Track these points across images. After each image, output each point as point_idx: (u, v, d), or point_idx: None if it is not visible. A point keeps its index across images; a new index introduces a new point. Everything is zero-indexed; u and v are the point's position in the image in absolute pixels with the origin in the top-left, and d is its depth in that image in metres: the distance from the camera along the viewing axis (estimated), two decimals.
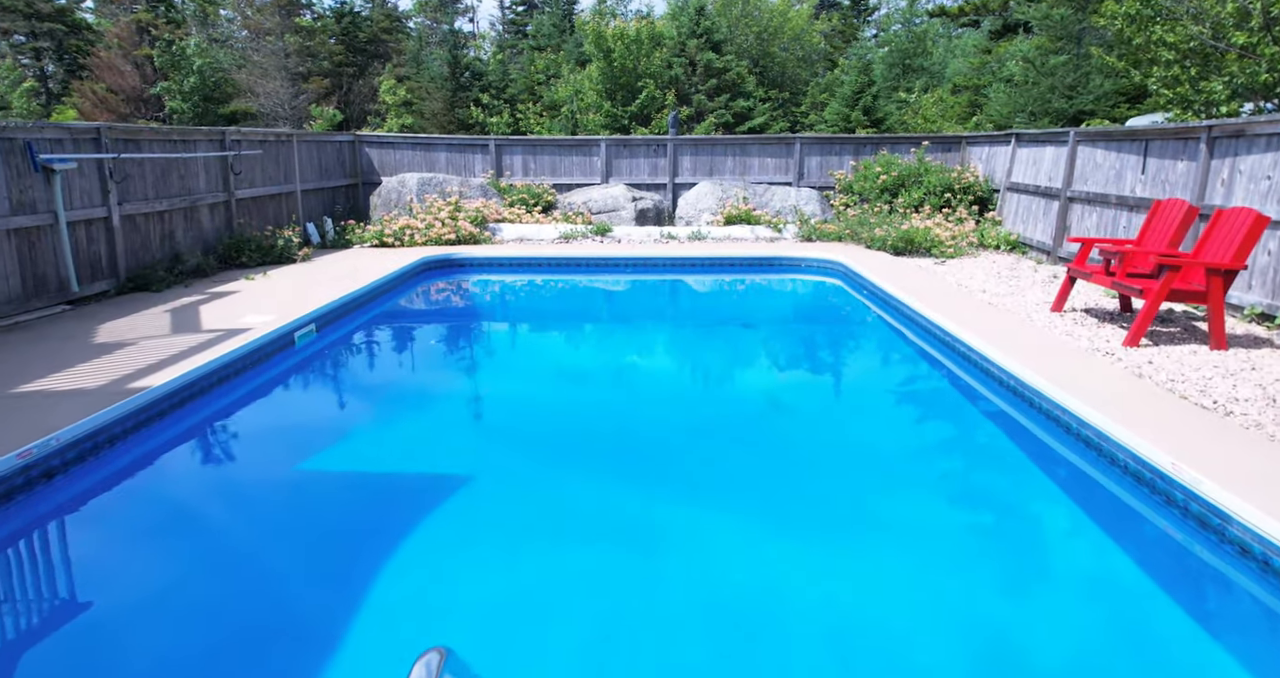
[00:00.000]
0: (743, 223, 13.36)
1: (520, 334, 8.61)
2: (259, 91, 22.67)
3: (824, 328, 9.06)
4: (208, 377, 5.91)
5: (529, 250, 11.87)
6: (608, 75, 19.30)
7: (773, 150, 14.62)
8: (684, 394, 6.50)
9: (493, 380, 6.88)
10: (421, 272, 10.99)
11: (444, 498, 4.41)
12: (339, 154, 13.89)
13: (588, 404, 6.18)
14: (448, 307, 10.00)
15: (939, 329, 7.42)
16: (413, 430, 5.54)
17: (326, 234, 12.53)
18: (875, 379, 6.98)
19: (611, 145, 14.59)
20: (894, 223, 11.99)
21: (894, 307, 8.74)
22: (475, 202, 13.34)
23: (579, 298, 10.57)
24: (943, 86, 20.68)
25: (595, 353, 7.79)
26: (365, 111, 25.17)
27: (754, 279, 11.53)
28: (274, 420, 5.79)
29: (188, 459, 5.02)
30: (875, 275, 9.82)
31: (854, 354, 7.85)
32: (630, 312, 9.88)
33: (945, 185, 12.78)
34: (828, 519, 4.25)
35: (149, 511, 4.36)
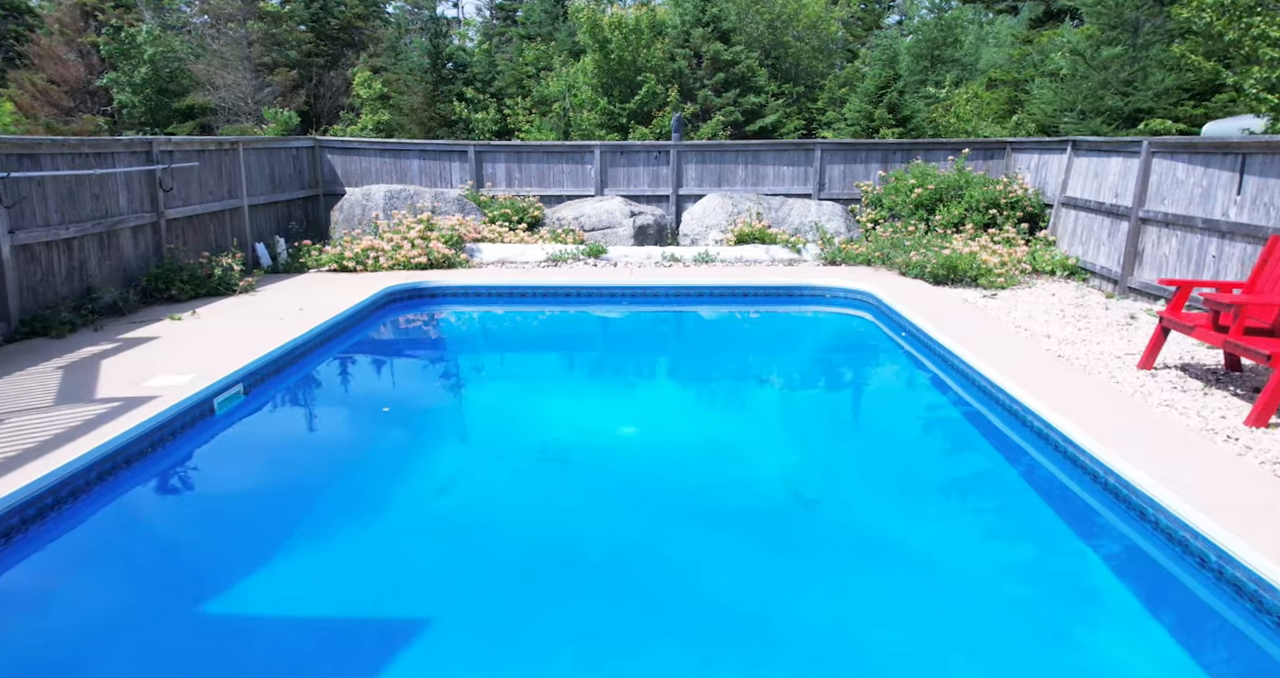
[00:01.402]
0: (756, 242, 12.33)
1: (494, 393, 7.58)
2: (219, 84, 21.64)
3: (854, 386, 8.01)
4: (75, 478, 4.87)
5: (511, 277, 10.85)
6: (604, 68, 18.29)
7: (790, 157, 13.59)
8: (690, 486, 5.46)
9: (457, 469, 5.83)
10: (385, 305, 9.96)
11: (389, 658, 3.38)
12: (296, 162, 12.87)
13: (575, 508, 5.14)
14: (411, 353, 8.96)
15: (1004, 395, 6.37)
16: (351, 551, 4.51)
17: (279, 256, 11.51)
18: (927, 469, 5.94)
19: (607, 152, 13.55)
20: (932, 245, 10.96)
21: (941, 357, 7.70)
22: (451, 218, 12.31)
23: (566, 340, 9.55)
24: (975, 80, 19.66)
25: (584, 421, 6.76)
26: (337, 106, 24.15)
27: (770, 312, 10.51)
28: (161, 539, 4.75)
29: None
30: (914, 312, 8.79)
31: (895, 427, 6.80)
32: (626, 361, 8.85)
33: (990, 200, 11.75)
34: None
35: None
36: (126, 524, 4.84)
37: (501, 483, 5.51)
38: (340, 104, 24.08)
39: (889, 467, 5.77)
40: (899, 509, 5.05)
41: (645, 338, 9.66)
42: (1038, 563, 4.49)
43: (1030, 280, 10.42)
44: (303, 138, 13.03)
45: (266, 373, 7.14)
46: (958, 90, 19.02)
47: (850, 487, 5.46)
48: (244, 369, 6.80)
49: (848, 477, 5.65)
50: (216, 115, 21.92)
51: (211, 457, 5.85)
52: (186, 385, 6.24)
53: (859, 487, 5.46)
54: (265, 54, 22.85)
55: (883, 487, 5.42)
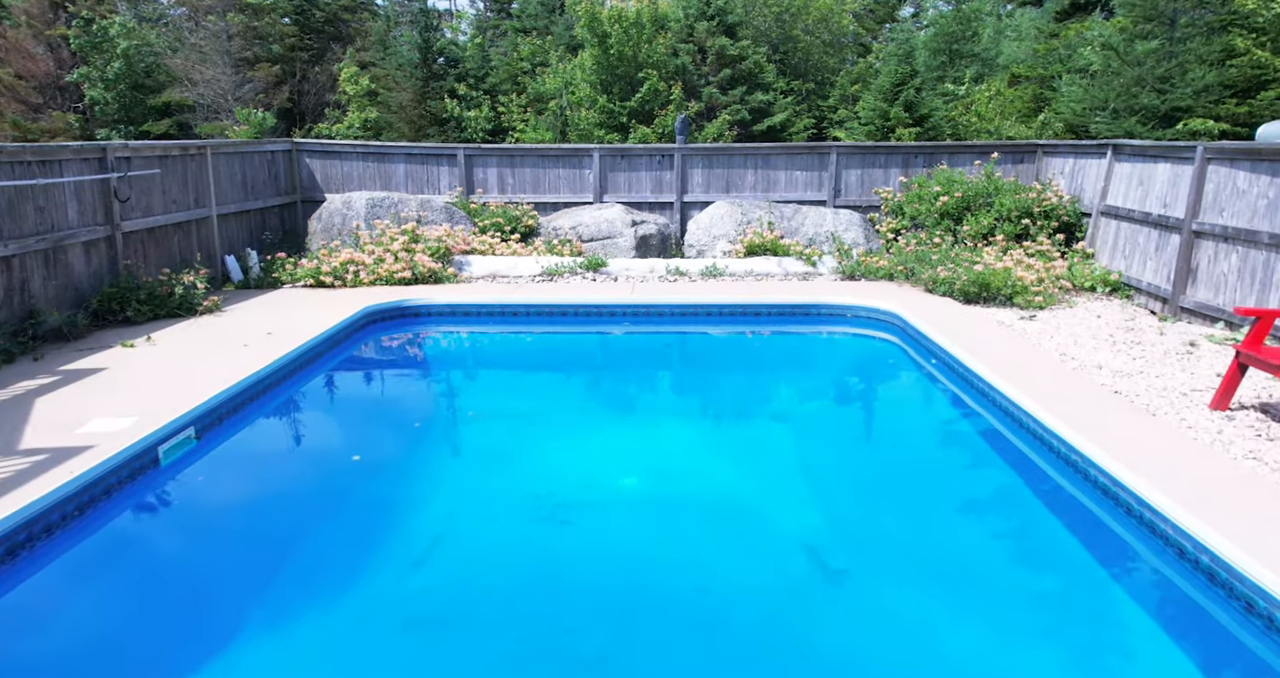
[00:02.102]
0: (768, 254, 11.66)
1: (481, 436, 6.89)
2: (197, 79, 20.96)
3: (882, 428, 7.33)
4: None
5: (502, 293, 10.18)
6: (603, 64, 17.64)
7: (803, 162, 12.92)
8: (700, 557, 4.78)
9: (436, 534, 5.15)
10: (363, 326, 9.29)
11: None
12: (271, 167, 12.18)
13: (569, 586, 4.47)
14: (390, 386, 8.29)
15: (1061, 442, 5.70)
16: (305, 651, 3.83)
17: (250, 269, 10.83)
18: (975, 538, 5.26)
19: (607, 156, 12.88)
20: (960, 258, 10.29)
21: (980, 391, 7.03)
22: (438, 228, 11.63)
23: (562, 369, 8.88)
24: (997, 76, 18.99)
25: (581, 471, 6.09)
26: (323, 103, 23.47)
27: (785, 333, 9.86)
28: (75, 639, 4.07)
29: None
30: (945, 337, 8.12)
31: (932, 481, 6.13)
32: (627, 395, 8.18)
33: (1022, 209, 11.08)
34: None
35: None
36: (33, 621, 4.16)
37: (487, 553, 4.84)
38: (326, 101, 23.41)
39: (928, 532, 5.09)
40: (942, 590, 4.38)
41: (648, 366, 8.99)
42: (1123, 672, 3.81)
43: (1070, 298, 9.75)
44: (279, 141, 12.35)
45: (224, 412, 6.47)
46: (978, 87, 18.36)
47: (882, 557, 4.79)
48: (197, 409, 6.13)
49: (879, 544, 4.98)
50: (195, 113, 21.24)
51: (150, 521, 5.18)
52: (128, 431, 5.57)
53: (892, 557, 4.78)
54: (246, 48, 22.18)
55: (922, 557, 4.74)
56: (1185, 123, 13.63)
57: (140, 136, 20.73)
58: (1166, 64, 13.97)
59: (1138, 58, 14.20)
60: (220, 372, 6.87)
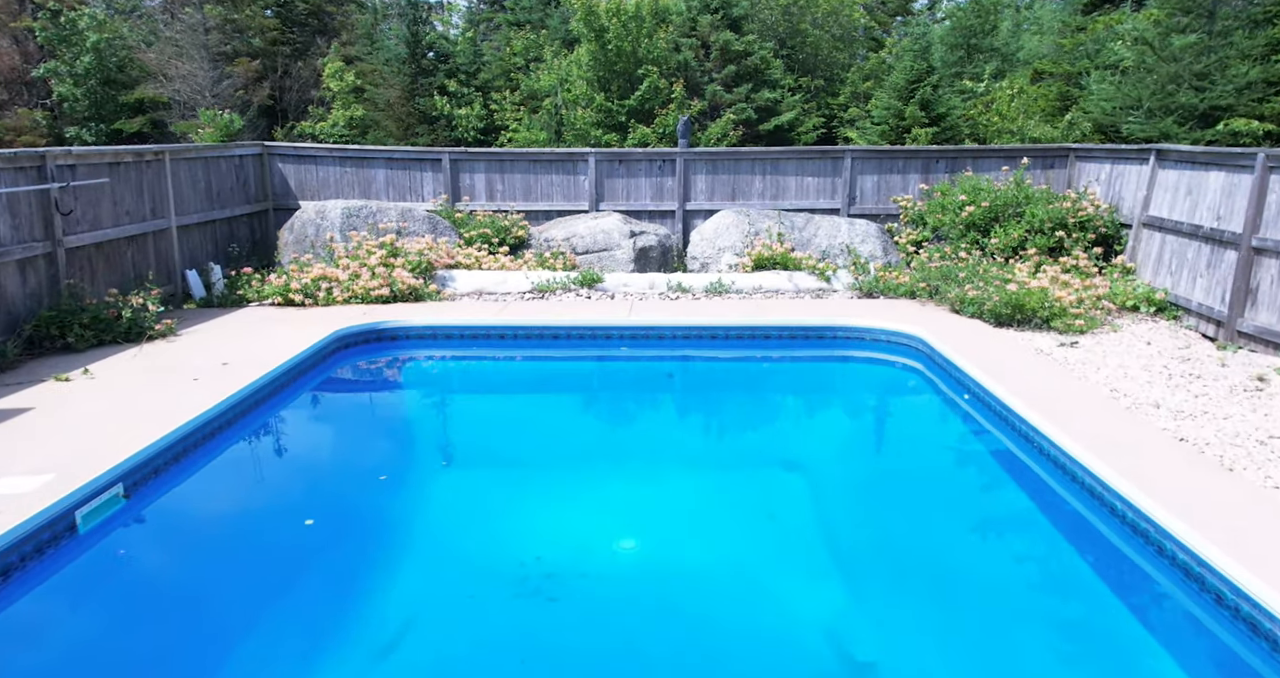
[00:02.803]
0: (777, 268, 10.94)
1: (460, 489, 6.17)
2: (172, 75, 20.20)
3: (910, 480, 6.60)
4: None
5: (488, 313, 9.45)
6: (600, 61, 16.93)
7: (814, 167, 12.19)
8: (705, 643, 4.07)
9: (406, 616, 4.43)
10: (333, 353, 8.56)
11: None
12: (240, 173, 11.45)
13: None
14: (358, 428, 7.57)
15: (1126, 504, 4.98)
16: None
17: (214, 285, 10.11)
18: (1026, 622, 4.54)
19: (603, 160, 12.15)
20: (989, 275, 9.56)
21: (1023, 435, 6.31)
22: (420, 240, 10.90)
23: (551, 403, 8.16)
24: (1018, 73, 18.25)
25: (572, 531, 5.37)
26: (306, 100, 22.72)
27: (798, 360, 9.17)
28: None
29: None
30: (978, 367, 7.41)
31: (971, 547, 5.41)
32: (624, 435, 7.45)
33: (1056, 219, 10.35)
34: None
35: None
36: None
37: (463, 640, 4.14)
38: (309, 98, 22.68)
39: (971, 617, 4.37)
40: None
41: (648, 400, 8.28)
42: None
43: (1113, 321, 9.02)
44: (248, 144, 11.62)
45: (161, 463, 5.75)
46: (998, 84, 17.63)
47: (917, 648, 4.06)
48: (128, 462, 5.41)
49: (912, 630, 4.25)
50: (170, 110, 20.51)
51: (60, 606, 4.46)
52: (37, 493, 4.85)
53: (930, 648, 4.06)
54: (225, 42, 21.45)
55: (964, 649, 4.02)
56: (1226, 123, 12.89)
57: (112, 135, 20.01)
58: (1205, 59, 13.23)
59: (1174, 53, 13.45)
60: (161, 413, 6.15)
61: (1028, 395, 6.70)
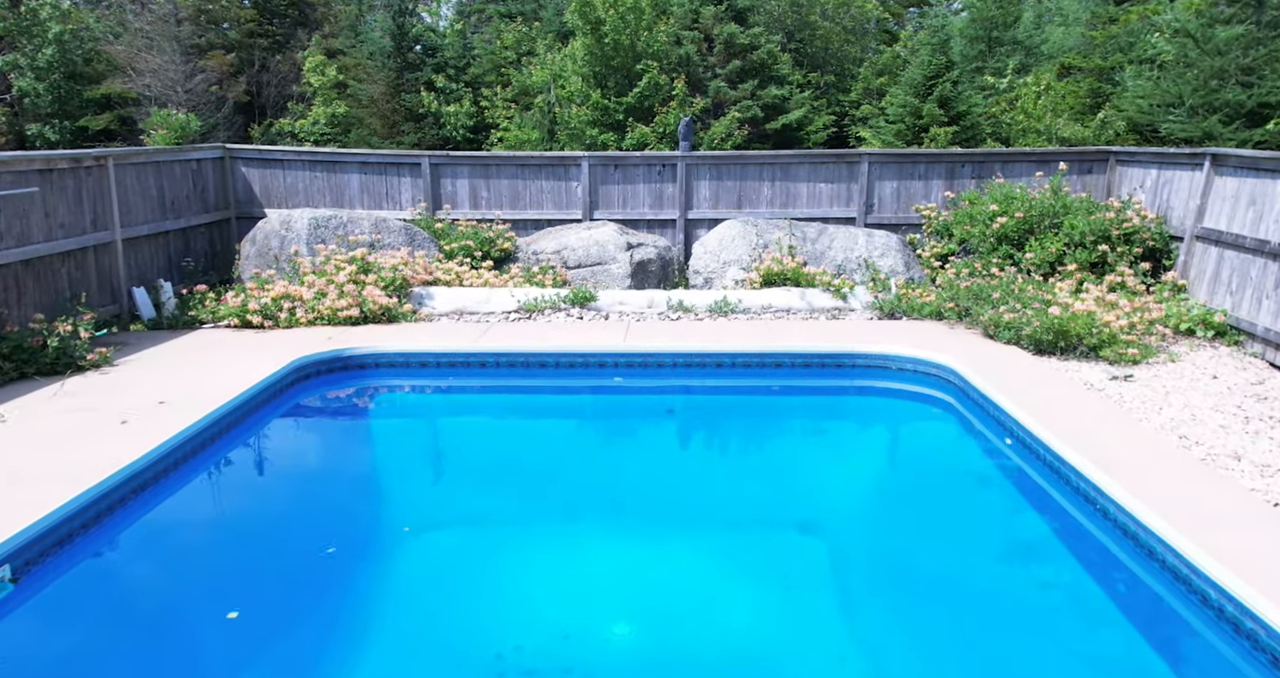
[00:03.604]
0: (789, 284, 10.12)
1: (430, 558, 5.35)
2: (142, 69, 19.41)
3: (946, 543, 5.77)
4: None
5: (468, 337, 8.64)
6: (597, 55, 16.10)
7: (828, 172, 11.37)
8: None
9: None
10: (291, 385, 7.74)
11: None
12: (198, 178, 10.63)
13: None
14: (310, 478, 6.73)
15: (1217, 589, 4.17)
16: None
17: (164, 305, 9.29)
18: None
19: (598, 165, 11.32)
20: (1026, 294, 8.75)
21: (1078, 489, 5.49)
22: (395, 253, 10.09)
23: (535, 444, 7.33)
24: (1043, 67, 17.42)
25: (558, 609, 4.55)
26: (285, 96, 21.91)
27: (813, 393, 8.39)
28: None
29: None
30: (1018, 405, 6.62)
31: (1019, 638, 4.59)
32: (617, 489, 6.63)
33: (1098, 232, 9.53)
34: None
35: None
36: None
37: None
38: (289, 93, 21.86)
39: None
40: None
41: (645, 443, 7.45)
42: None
43: (1170, 348, 8.20)
44: (207, 147, 10.79)
45: (64, 535, 4.95)
46: (1022, 80, 16.80)
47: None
48: (18, 537, 4.60)
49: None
50: (139, 106, 19.70)
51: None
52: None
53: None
54: (198, 34, 20.65)
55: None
56: (1277, 122, 12.09)
57: (77, 132, 19.22)
58: (1254, 53, 12.41)
59: (1218, 45, 12.63)
60: (71, 470, 5.34)
61: (1083, 444, 5.89)
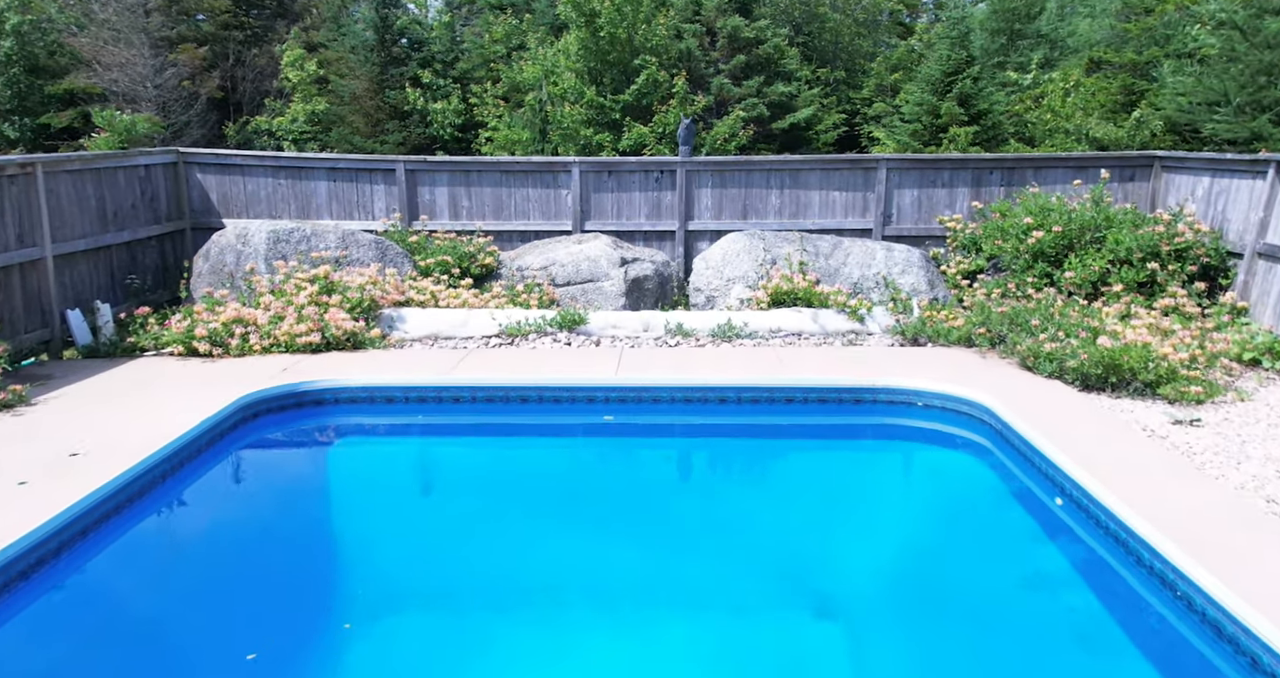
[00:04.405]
0: (799, 304, 9.31)
1: (394, 652, 4.54)
2: (109, 63, 18.63)
3: (989, 629, 4.95)
4: None
5: (441, 367, 7.83)
6: (592, 49, 15.33)
7: (842, 179, 10.56)
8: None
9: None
10: (235, 427, 6.93)
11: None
12: (147, 186, 9.81)
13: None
14: (245, 551, 5.89)
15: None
16: None
17: (102, 329, 8.49)
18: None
19: (590, 171, 10.51)
20: (1068, 320, 7.94)
21: (1152, 569, 4.69)
22: (363, 271, 9.28)
23: (511, 502, 6.49)
24: (1069, 61, 16.60)
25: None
26: (262, 92, 21.11)
27: (828, 434, 7.62)
28: None
29: None
30: (1068, 456, 5.85)
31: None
32: (608, 554, 5.81)
33: (1147, 248, 8.71)
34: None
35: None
36: None
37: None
38: (266, 89, 21.06)
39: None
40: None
41: (637, 497, 6.63)
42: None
43: (1236, 382, 7.38)
44: (157, 151, 9.97)
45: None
46: (1048, 75, 15.99)
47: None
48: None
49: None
50: (106, 102, 18.90)
51: None
52: None
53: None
54: (168, 25, 19.84)
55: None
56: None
57: (38, 130, 18.43)
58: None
59: (1268, 38, 11.81)
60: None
61: (1154, 511, 5.08)
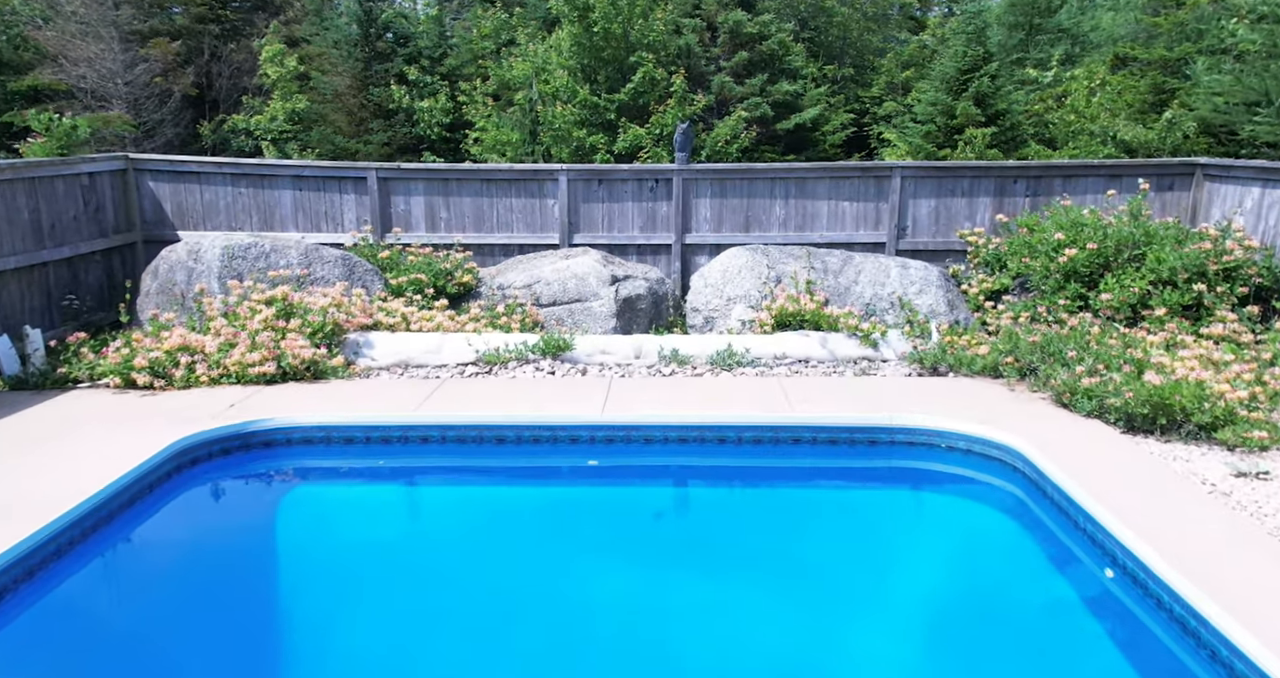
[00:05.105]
0: (806, 326, 8.62)
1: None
2: (76, 57, 17.96)
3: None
4: None
5: (409, 401, 7.12)
6: (585, 45, 14.69)
7: (852, 188, 9.85)
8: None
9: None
10: (170, 476, 6.22)
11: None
12: (90, 196, 9.11)
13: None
14: (168, 657, 5.19)
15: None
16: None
17: (32, 357, 7.79)
18: None
19: (578, 180, 9.80)
20: (1108, 349, 7.23)
21: (1229, 667, 3.98)
22: (326, 291, 8.59)
23: (482, 568, 5.75)
24: (1092, 57, 15.89)
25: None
26: (239, 89, 20.42)
27: (840, 481, 6.90)
28: None
29: None
30: (1118, 518, 5.16)
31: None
32: (585, 639, 5.10)
33: (1192, 267, 8.00)
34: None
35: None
36: None
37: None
38: (244, 86, 20.37)
39: None
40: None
41: (622, 562, 5.91)
42: None
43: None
44: (102, 158, 9.27)
45: None
46: (1070, 72, 15.28)
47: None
48: None
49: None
50: (73, 99, 18.24)
51: None
52: None
53: None
54: (140, 19, 19.15)
55: None
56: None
57: (0, 128, 17.73)
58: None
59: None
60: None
61: (1227, 594, 4.37)
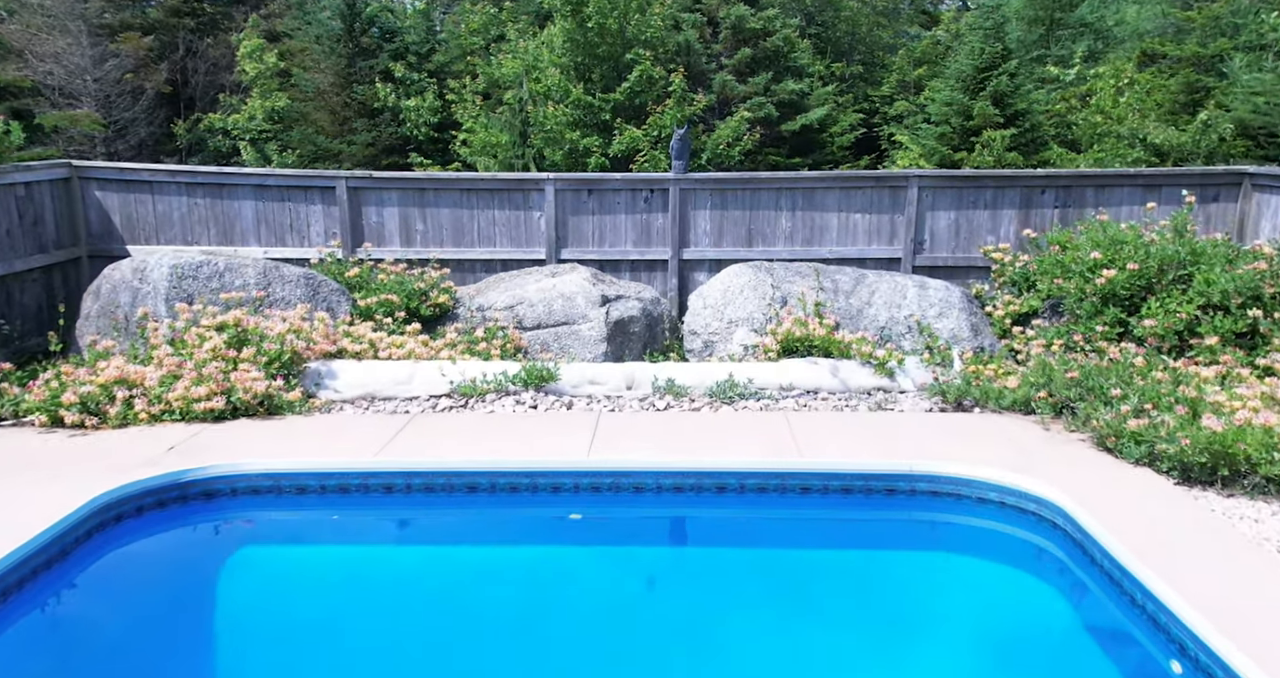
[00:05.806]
0: (815, 353, 7.95)
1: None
2: (42, 53, 17.33)
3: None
4: None
5: (371, 443, 6.44)
6: (579, 42, 14.16)
7: (864, 198, 9.18)
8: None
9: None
10: (91, 536, 5.54)
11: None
12: (25, 207, 8.44)
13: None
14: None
15: None
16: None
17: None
18: None
19: (566, 190, 9.12)
20: (1155, 385, 6.54)
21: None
22: (288, 313, 7.91)
23: (456, 637, 5.07)
24: (1118, 53, 15.22)
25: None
26: (216, 87, 19.74)
27: (850, 528, 6.24)
28: None
29: None
30: (1175, 590, 4.47)
31: None
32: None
33: (1245, 289, 7.31)
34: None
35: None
36: None
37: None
38: (221, 84, 19.71)
39: None
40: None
41: (606, 642, 5.22)
42: None
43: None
44: (41, 166, 8.59)
45: None
46: (1093, 70, 14.60)
47: None
48: None
49: None
50: (39, 97, 17.59)
51: None
52: None
53: None
54: (110, 12, 18.51)
55: None
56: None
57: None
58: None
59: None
60: None
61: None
